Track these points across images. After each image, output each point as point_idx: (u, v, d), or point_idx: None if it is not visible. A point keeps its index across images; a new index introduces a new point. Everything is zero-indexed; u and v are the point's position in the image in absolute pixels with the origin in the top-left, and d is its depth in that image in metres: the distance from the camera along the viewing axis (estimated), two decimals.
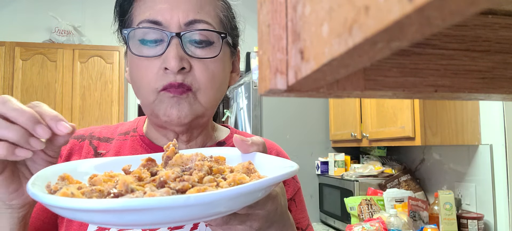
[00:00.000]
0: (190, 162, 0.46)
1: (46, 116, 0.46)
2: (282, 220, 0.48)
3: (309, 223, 0.73)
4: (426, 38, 0.23)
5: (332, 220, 2.54)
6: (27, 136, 0.44)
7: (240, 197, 0.35)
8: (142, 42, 0.61)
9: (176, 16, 0.60)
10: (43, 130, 0.45)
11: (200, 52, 0.61)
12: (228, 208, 0.36)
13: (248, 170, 0.44)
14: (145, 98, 0.62)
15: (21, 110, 0.44)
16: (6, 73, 3.55)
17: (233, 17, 0.69)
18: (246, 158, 0.49)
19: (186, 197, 0.31)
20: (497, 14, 0.24)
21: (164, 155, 0.47)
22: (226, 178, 0.41)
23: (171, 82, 0.59)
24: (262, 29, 0.23)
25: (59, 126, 0.46)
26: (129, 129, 0.72)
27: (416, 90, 0.23)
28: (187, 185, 0.36)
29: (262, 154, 0.49)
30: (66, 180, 0.41)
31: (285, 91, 0.21)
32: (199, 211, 0.33)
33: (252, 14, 0.95)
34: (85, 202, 0.31)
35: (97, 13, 4.01)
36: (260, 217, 0.44)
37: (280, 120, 2.77)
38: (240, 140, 0.49)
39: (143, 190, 0.35)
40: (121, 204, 0.30)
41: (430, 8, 0.11)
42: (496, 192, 1.81)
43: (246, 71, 3.29)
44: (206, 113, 0.64)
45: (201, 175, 0.40)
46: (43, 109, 0.46)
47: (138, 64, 0.62)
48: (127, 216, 0.32)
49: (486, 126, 1.87)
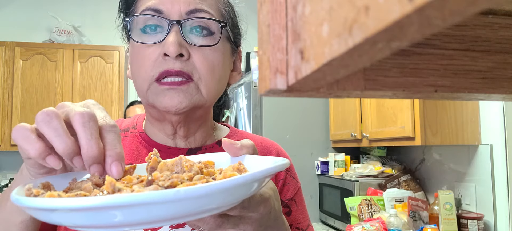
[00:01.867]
0: (176, 167, 0.43)
1: (110, 150, 0.41)
2: (276, 225, 0.48)
3: (310, 223, 0.73)
4: (426, 38, 0.23)
5: (332, 220, 2.54)
6: (74, 154, 0.40)
7: (232, 189, 0.33)
8: (143, 30, 0.62)
9: (177, 6, 0.61)
10: (97, 169, 0.40)
11: (199, 40, 0.61)
12: (220, 203, 0.35)
13: (239, 170, 0.42)
14: (141, 88, 0.62)
15: (93, 143, 0.39)
16: (6, 73, 3.55)
17: (234, 15, 0.70)
18: (236, 161, 0.47)
19: (176, 190, 0.30)
20: (497, 14, 0.24)
21: (148, 166, 0.45)
22: (216, 179, 0.39)
23: (168, 69, 0.59)
24: (262, 29, 0.23)
25: (113, 167, 0.41)
26: (129, 126, 0.72)
27: (416, 90, 0.23)
28: (176, 181, 0.35)
29: (252, 155, 0.47)
30: (47, 188, 0.39)
31: (285, 91, 0.21)
32: (189, 205, 0.32)
33: (253, 14, 0.95)
34: (72, 201, 0.29)
35: (97, 13, 4.01)
36: (253, 220, 0.44)
37: (280, 120, 2.77)
38: (229, 143, 0.47)
39: (131, 189, 0.34)
40: (108, 200, 0.29)
41: (430, 8, 0.11)
42: (496, 192, 1.81)
43: (246, 71, 3.29)
44: (205, 105, 0.64)
45: (190, 175, 0.38)
46: (111, 140, 0.42)
47: (138, 52, 0.62)
48: (114, 213, 0.30)
49: (486, 126, 1.87)
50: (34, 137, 0.40)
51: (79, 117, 0.40)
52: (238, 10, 0.71)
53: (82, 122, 0.40)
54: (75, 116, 0.41)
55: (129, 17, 0.63)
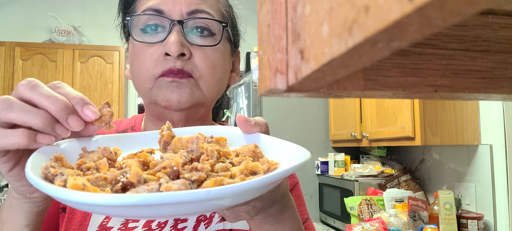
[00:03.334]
0: (191, 144, 0.43)
1: (72, 99, 0.41)
2: (283, 200, 0.49)
3: (308, 217, 0.73)
4: (426, 38, 0.23)
5: (332, 220, 2.54)
6: (54, 122, 0.40)
7: (262, 188, 0.34)
8: (144, 30, 0.62)
9: (178, 6, 0.61)
10: (76, 121, 0.40)
11: (200, 40, 0.62)
12: (247, 198, 0.36)
13: (255, 153, 0.43)
14: (143, 86, 0.62)
15: (54, 98, 0.40)
16: (6, 73, 3.55)
17: (234, 16, 0.70)
18: (248, 139, 0.48)
19: (207, 191, 0.31)
20: (497, 14, 0.24)
21: (161, 139, 0.45)
22: (234, 163, 0.40)
23: (170, 68, 0.59)
24: (262, 29, 0.23)
25: (86, 110, 0.41)
26: (127, 126, 0.72)
27: (416, 90, 0.23)
28: (203, 175, 0.35)
29: (266, 135, 0.48)
30: (59, 161, 0.38)
31: (285, 91, 0.21)
32: (220, 203, 0.33)
33: (253, 15, 0.95)
34: (107, 197, 0.30)
35: (97, 13, 4.01)
36: (263, 197, 0.44)
37: (280, 120, 2.77)
38: (243, 119, 0.48)
39: (157, 180, 0.34)
40: (143, 198, 0.29)
41: (430, 8, 0.11)
42: (496, 192, 1.81)
43: (246, 71, 3.29)
44: (205, 103, 0.64)
45: (212, 162, 0.38)
46: (67, 91, 0.42)
47: (139, 52, 0.62)
48: (145, 210, 0.31)
49: (486, 126, 1.87)
50: (9, 130, 0.39)
51: (25, 86, 0.40)
52: (237, 12, 0.71)
53: (31, 87, 0.40)
54: (20, 88, 0.40)
55: (130, 17, 0.63)
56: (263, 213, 0.46)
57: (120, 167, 0.37)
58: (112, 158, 0.41)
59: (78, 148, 0.43)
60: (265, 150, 0.45)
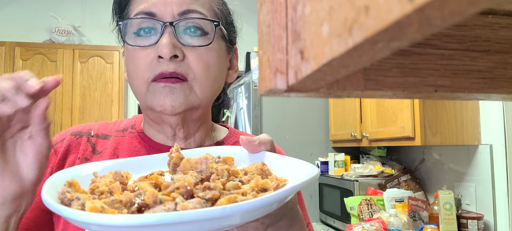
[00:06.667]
0: (200, 165, 0.45)
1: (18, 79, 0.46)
2: (291, 214, 0.49)
3: (309, 222, 0.74)
4: (426, 38, 0.23)
5: (332, 220, 2.54)
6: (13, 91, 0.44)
7: (274, 204, 0.36)
8: (137, 34, 0.62)
9: (170, 7, 0.61)
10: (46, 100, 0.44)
11: (193, 40, 0.61)
12: (260, 214, 0.37)
13: (262, 171, 0.44)
14: (138, 91, 0.63)
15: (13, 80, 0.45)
16: (6, 73, 3.55)
17: (228, 13, 0.70)
18: (254, 157, 0.49)
19: (222, 208, 0.32)
20: (497, 14, 0.24)
21: (170, 161, 0.47)
22: (243, 181, 0.41)
23: (162, 72, 0.59)
24: (262, 29, 0.23)
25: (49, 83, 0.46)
26: (127, 126, 0.72)
27: (416, 90, 0.23)
28: (217, 194, 0.37)
29: (272, 153, 0.49)
30: (73, 186, 0.39)
31: (285, 91, 0.21)
32: (234, 220, 0.35)
33: (252, 14, 0.95)
34: (127, 218, 0.31)
35: (97, 13, 4.01)
36: (272, 213, 0.45)
37: (280, 120, 2.77)
38: (247, 141, 0.48)
39: (173, 200, 0.35)
40: (162, 218, 0.30)
41: (430, 8, 0.11)
42: (496, 192, 1.81)
43: (246, 71, 3.29)
44: (201, 105, 0.64)
45: (223, 181, 0.40)
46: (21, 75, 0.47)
47: (133, 56, 0.62)
48: (162, 229, 0.32)
49: (486, 126, 1.87)
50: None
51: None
52: (232, 8, 0.71)
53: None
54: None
55: (122, 21, 0.63)
56: (272, 227, 0.47)
57: (133, 190, 0.38)
58: (123, 181, 0.42)
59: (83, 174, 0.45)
60: (272, 167, 0.46)
